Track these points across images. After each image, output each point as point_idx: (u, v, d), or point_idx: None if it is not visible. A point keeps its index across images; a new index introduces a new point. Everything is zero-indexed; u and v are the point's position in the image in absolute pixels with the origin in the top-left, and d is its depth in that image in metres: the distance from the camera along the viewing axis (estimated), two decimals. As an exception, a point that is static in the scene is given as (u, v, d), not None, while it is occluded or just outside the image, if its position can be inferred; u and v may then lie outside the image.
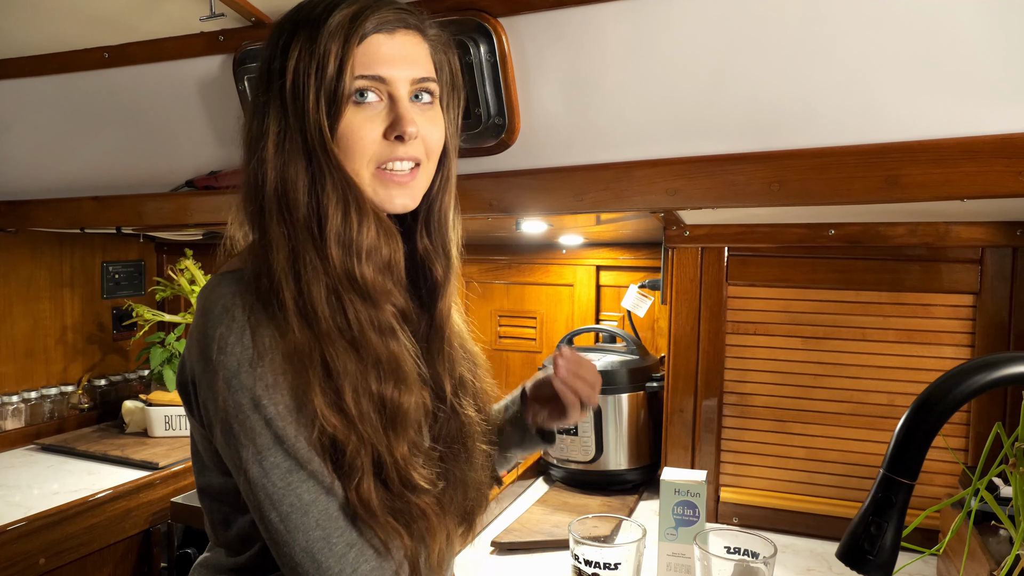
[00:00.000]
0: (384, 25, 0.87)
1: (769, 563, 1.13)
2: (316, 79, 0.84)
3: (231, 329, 0.82)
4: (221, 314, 0.83)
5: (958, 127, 1.14)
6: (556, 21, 1.31)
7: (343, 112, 0.86)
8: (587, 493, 1.85)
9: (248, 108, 0.92)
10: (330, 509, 0.83)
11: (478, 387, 1.05)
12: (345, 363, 0.84)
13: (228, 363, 0.81)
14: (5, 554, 1.64)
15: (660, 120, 1.32)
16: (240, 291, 0.84)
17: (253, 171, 0.87)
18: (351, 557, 0.83)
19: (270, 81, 0.87)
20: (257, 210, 0.87)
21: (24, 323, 2.31)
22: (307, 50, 0.84)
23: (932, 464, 1.55)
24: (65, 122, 1.83)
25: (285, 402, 0.82)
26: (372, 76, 0.87)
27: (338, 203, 0.86)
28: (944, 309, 1.56)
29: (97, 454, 2.16)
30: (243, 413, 0.82)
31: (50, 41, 1.66)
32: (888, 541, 0.85)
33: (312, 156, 0.86)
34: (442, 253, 0.99)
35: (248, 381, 0.81)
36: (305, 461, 0.82)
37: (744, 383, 1.70)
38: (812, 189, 1.25)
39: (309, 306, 0.84)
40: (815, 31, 1.15)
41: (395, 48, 0.88)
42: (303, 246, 0.85)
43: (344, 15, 0.85)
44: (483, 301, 2.36)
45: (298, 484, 0.82)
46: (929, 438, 0.85)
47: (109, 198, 1.92)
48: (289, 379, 0.82)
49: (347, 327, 0.85)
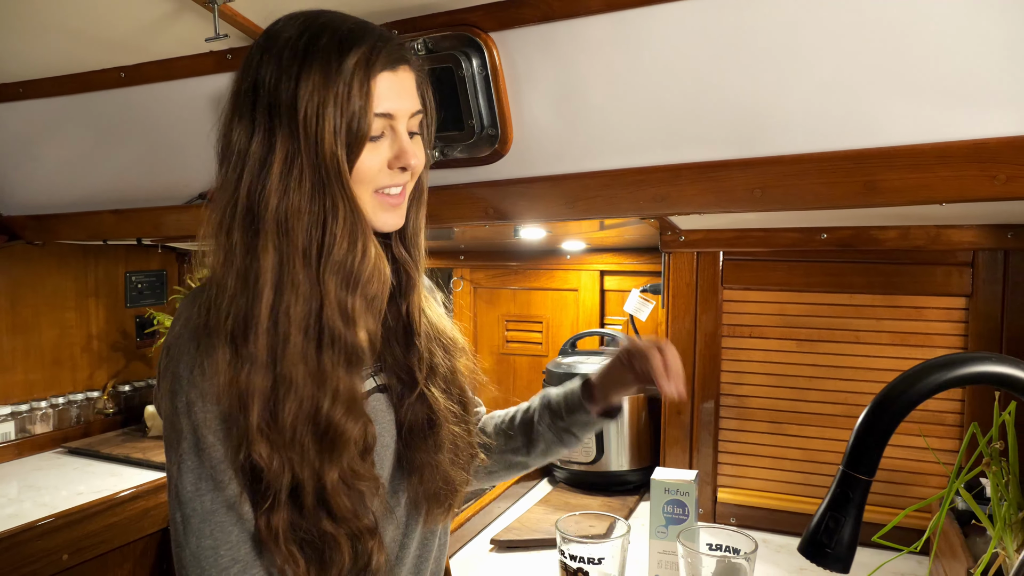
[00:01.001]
0: (390, 63, 0.92)
1: (750, 559, 1.16)
2: (335, 115, 0.87)
3: (188, 341, 0.89)
4: (182, 326, 0.90)
5: (933, 133, 1.16)
6: (545, 35, 1.35)
7: (363, 147, 0.90)
8: (589, 494, 1.89)
9: (235, 122, 0.91)
10: (226, 523, 0.88)
11: (452, 373, 1.09)
12: (301, 386, 0.87)
13: (177, 370, 0.88)
14: (30, 550, 1.72)
15: (646, 129, 1.36)
16: (208, 306, 0.89)
17: (248, 193, 0.88)
18: (233, 572, 0.88)
19: (273, 107, 0.88)
20: (250, 232, 0.88)
21: (51, 332, 2.41)
22: (322, 86, 0.87)
23: (925, 466, 1.57)
24: (85, 139, 1.91)
25: (215, 413, 0.87)
26: (383, 114, 0.91)
27: (347, 233, 0.90)
28: (937, 312, 1.58)
29: (120, 456, 2.25)
30: (176, 416, 0.88)
31: (70, 62, 1.75)
32: (846, 535, 0.87)
33: (326, 187, 0.88)
34: (415, 261, 1.04)
35: (187, 387, 0.87)
36: (216, 471, 0.88)
37: (740, 385, 1.73)
38: (793, 194, 1.28)
39: (283, 331, 0.87)
40: (794, 41, 1.18)
41: (398, 84, 0.93)
42: (296, 273, 0.88)
43: (360, 55, 0.88)
44: (490, 307, 2.41)
45: (205, 492, 0.88)
46: (886, 436, 0.87)
47: (128, 211, 2.00)
48: (231, 398, 0.86)
49: (315, 355, 0.89)
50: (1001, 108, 1.10)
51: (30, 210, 2.18)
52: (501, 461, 1.29)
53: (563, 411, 1.18)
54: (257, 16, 1.44)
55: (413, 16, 1.39)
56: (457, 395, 1.09)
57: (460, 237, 2.21)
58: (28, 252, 2.33)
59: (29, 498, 1.96)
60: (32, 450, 2.32)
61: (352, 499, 0.90)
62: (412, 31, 1.40)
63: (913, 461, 1.58)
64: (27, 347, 2.35)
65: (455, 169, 1.53)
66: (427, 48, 1.40)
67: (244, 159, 0.90)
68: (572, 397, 1.18)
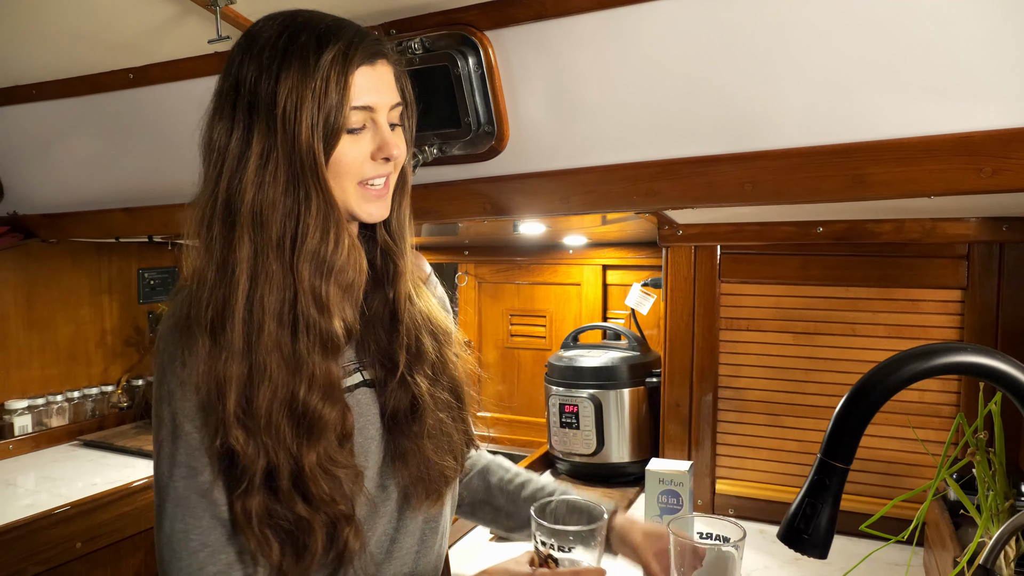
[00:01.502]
0: (367, 58, 0.94)
1: (739, 547, 1.17)
2: (313, 110, 0.89)
3: (171, 333, 0.94)
4: (167, 320, 0.96)
5: (919, 127, 1.17)
6: (538, 33, 1.37)
7: (339, 140, 0.93)
8: (590, 485, 1.91)
9: (216, 121, 0.94)
10: (198, 508, 0.92)
11: (442, 362, 1.10)
12: (275, 373, 0.91)
13: (162, 361, 0.94)
14: (46, 538, 1.77)
15: (638, 125, 1.38)
16: (189, 300, 0.94)
17: (227, 187, 0.92)
18: (201, 556, 0.91)
19: (252, 104, 0.91)
20: (226, 225, 0.92)
21: (67, 328, 2.47)
22: (300, 82, 0.89)
23: (918, 457, 1.58)
24: (96, 139, 1.96)
25: (194, 402, 0.92)
26: (363, 106, 0.94)
27: (320, 224, 0.93)
28: (932, 304, 1.58)
29: (133, 449, 2.30)
30: (159, 404, 0.94)
31: (80, 65, 1.79)
32: (823, 522, 0.89)
33: (299, 179, 0.91)
34: (401, 249, 1.07)
35: (169, 377, 0.93)
36: (191, 459, 0.92)
37: (738, 378, 1.75)
38: (783, 188, 1.30)
39: (257, 320, 0.91)
40: (782, 38, 1.20)
41: (376, 78, 0.95)
42: (270, 264, 0.91)
43: (337, 50, 0.91)
44: (495, 301, 2.44)
45: (179, 478, 0.92)
46: (863, 425, 0.89)
47: (139, 209, 2.05)
48: (208, 386, 0.90)
49: (290, 342, 0.92)
50: (986, 102, 1.11)
51: (44, 209, 2.23)
52: (479, 510, 1.30)
53: None
54: (257, 17, 1.46)
55: (409, 16, 1.42)
56: (448, 384, 1.10)
57: (464, 232, 2.24)
58: (43, 250, 2.39)
59: (45, 488, 2.01)
60: (49, 443, 2.38)
61: (329, 485, 0.93)
62: (408, 31, 1.43)
63: (907, 452, 1.59)
64: (43, 343, 2.40)
65: (454, 166, 1.56)
66: (423, 47, 1.43)
67: (224, 155, 0.93)
68: None
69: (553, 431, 1.96)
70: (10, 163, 2.19)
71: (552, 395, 1.96)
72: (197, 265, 0.95)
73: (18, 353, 2.34)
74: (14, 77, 1.90)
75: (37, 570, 1.76)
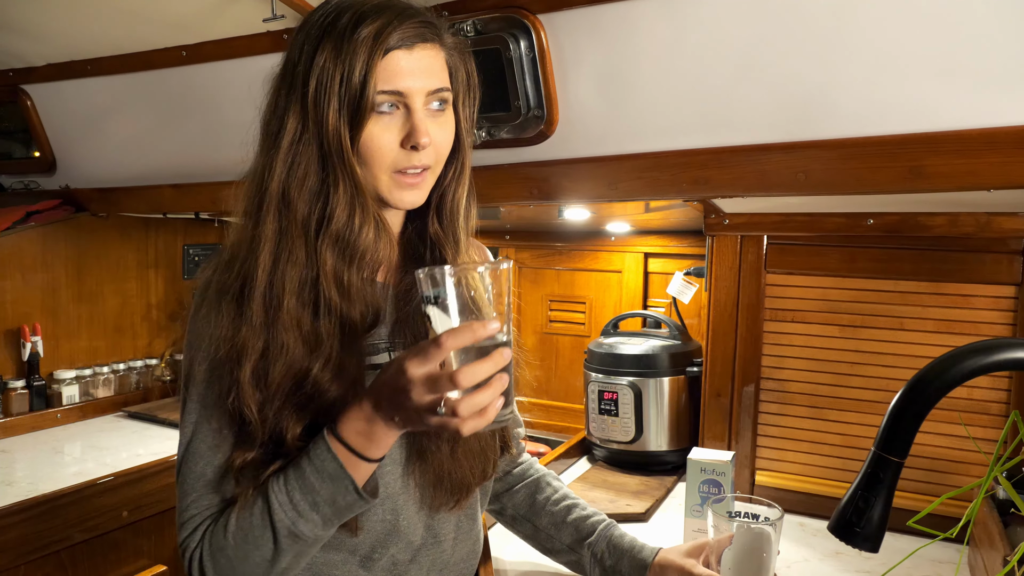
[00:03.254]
0: (405, 41, 0.92)
1: (776, 525, 1.15)
2: (340, 90, 0.90)
3: (201, 301, 0.99)
4: (200, 289, 1.00)
5: (980, 118, 1.15)
6: (591, 17, 1.37)
7: (365, 123, 0.92)
8: (627, 472, 1.91)
9: (267, 104, 0.97)
10: (198, 450, 0.97)
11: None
12: (292, 349, 0.93)
13: (194, 317, 1.00)
14: (93, 506, 1.82)
15: (690, 112, 1.37)
16: (221, 267, 0.99)
17: (262, 165, 0.95)
18: (198, 485, 0.97)
19: (292, 83, 0.93)
20: (257, 202, 0.94)
21: (114, 301, 2.52)
22: (332, 61, 0.89)
23: (966, 454, 1.55)
24: (148, 116, 1.99)
25: (212, 358, 0.96)
26: (391, 91, 0.92)
27: (346, 207, 0.94)
28: (984, 300, 1.55)
29: (176, 422, 2.32)
30: (185, 355, 1.01)
31: (134, 41, 1.82)
32: (876, 516, 0.89)
33: (327, 161, 0.92)
34: (452, 239, 1.05)
35: (194, 336, 0.99)
36: (204, 417, 0.97)
37: (781, 370, 1.73)
38: (837, 179, 1.28)
39: (277, 296, 0.93)
40: (838, 24, 1.18)
41: (413, 63, 0.93)
42: (293, 242, 0.93)
43: (369, 31, 0.90)
44: (535, 286, 2.44)
45: (189, 427, 0.99)
46: (919, 419, 0.88)
47: (187, 185, 2.08)
48: (228, 350, 0.93)
49: (310, 321, 0.94)
50: (1052, 94, 1.09)
51: (95, 183, 2.28)
52: (520, 525, 1.32)
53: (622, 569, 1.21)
54: (312, -3, 1.48)
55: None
56: None
57: (506, 217, 2.24)
58: (93, 224, 2.43)
59: (92, 458, 2.06)
60: (95, 413, 2.44)
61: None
62: (461, 13, 1.43)
63: (954, 449, 1.57)
64: (91, 315, 2.46)
65: (501, 149, 1.56)
66: (476, 30, 1.43)
67: (266, 135, 0.96)
68: (635, 563, 1.21)
69: (591, 417, 1.97)
70: (63, 137, 2.24)
71: (591, 381, 1.96)
72: (234, 238, 0.99)
73: (67, 324, 2.40)
74: (70, 53, 1.94)
75: (85, 536, 1.81)
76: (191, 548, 0.96)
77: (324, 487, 0.90)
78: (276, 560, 0.93)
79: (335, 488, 0.90)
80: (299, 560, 0.95)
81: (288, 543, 0.92)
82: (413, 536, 1.05)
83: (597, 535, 1.25)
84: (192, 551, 0.96)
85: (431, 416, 0.83)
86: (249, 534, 0.92)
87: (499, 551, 1.51)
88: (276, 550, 0.92)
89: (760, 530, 1.13)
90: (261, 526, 0.91)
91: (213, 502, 0.97)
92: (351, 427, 0.90)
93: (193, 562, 0.96)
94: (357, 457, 0.89)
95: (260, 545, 0.92)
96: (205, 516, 0.97)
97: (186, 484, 0.97)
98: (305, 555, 0.95)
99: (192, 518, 0.96)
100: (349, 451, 0.89)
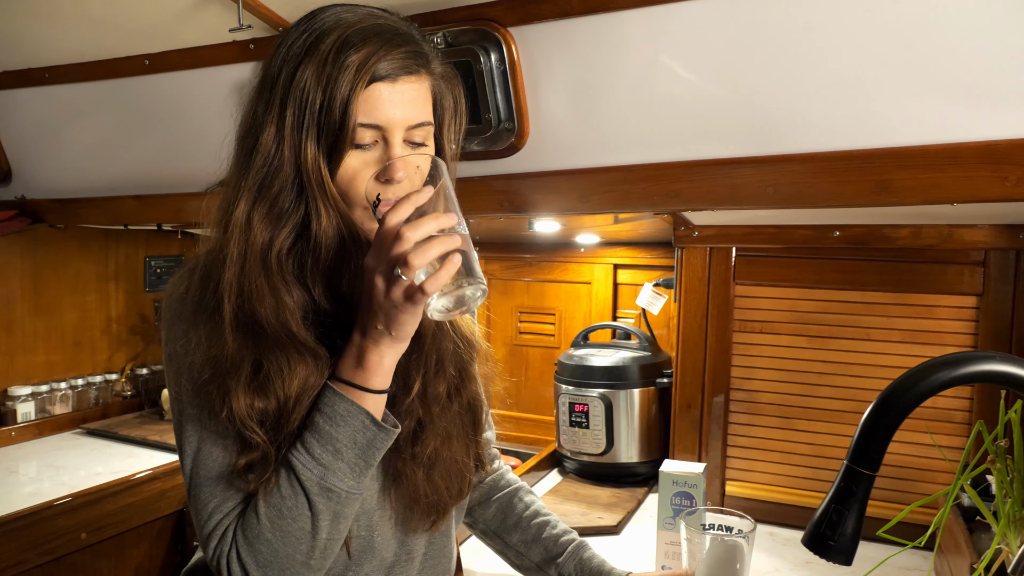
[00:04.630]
0: (390, 73, 0.89)
1: (748, 538, 1.16)
2: (320, 119, 0.87)
3: (176, 316, 0.96)
4: (175, 302, 0.97)
5: (945, 134, 1.18)
6: (562, 30, 1.37)
7: (344, 156, 0.89)
8: (598, 484, 1.91)
9: (244, 116, 0.94)
10: (208, 457, 0.94)
11: (461, 378, 1.07)
12: (279, 362, 0.90)
13: (170, 343, 0.96)
14: (51, 528, 1.76)
15: (661, 125, 1.38)
16: (191, 278, 0.97)
17: (235, 181, 0.91)
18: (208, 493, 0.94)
19: (270, 101, 0.90)
20: (224, 223, 0.92)
21: (73, 314, 2.45)
22: (313, 85, 0.87)
23: (932, 463, 1.58)
24: (109, 125, 1.94)
25: (196, 385, 0.93)
26: (371, 124, 0.89)
27: (326, 229, 0.91)
28: (948, 310, 1.58)
29: (137, 439, 2.29)
30: (173, 380, 0.97)
31: (96, 49, 1.78)
32: (849, 529, 0.89)
33: (303, 187, 0.89)
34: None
35: (177, 359, 0.96)
36: (205, 428, 0.93)
37: (750, 380, 1.75)
38: (806, 192, 1.30)
39: (249, 318, 0.90)
40: (808, 41, 1.20)
41: (396, 95, 0.90)
42: (262, 263, 0.90)
43: (354, 60, 0.87)
44: (504, 297, 2.43)
45: (192, 441, 0.95)
46: (890, 432, 0.89)
47: (150, 197, 2.04)
48: (210, 374, 0.91)
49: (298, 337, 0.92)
50: (1012, 110, 1.12)
51: (53, 194, 2.22)
52: (491, 539, 1.32)
53: None
54: (280, 7, 1.46)
55: (433, 10, 1.41)
56: (465, 404, 1.08)
57: (475, 229, 2.22)
58: (51, 235, 2.37)
59: (48, 477, 2.00)
60: (52, 430, 2.36)
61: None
62: (432, 25, 1.42)
63: (921, 458, 1.59)
64: (48, 329, 2.39)
65: (472, 162, 1.55)
66: (446, 42, 1.42)
67: (240, 151, 0.93)
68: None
69: (562, 430, 1.96)
70: (19, 147, 2.18)
71: (562, 394, 1.96)
72: (205, 248, 0.98)
73: (23, 339, 2.33)
74: (27, 60, 1.89)
75: (41, 560, 1.75)
76: (224, 553, 0.90)
77: (340, 431, 0.88)
78: (316, 527, 0.89)
79: (351, 427, 0.89)
80: (338, 525, 0.91)
81: (322, 502, 0.88)
82: (387, 553, 1.03)
83: (566, 555, 1.24)
84: (226, 555, 0.90)
85: (398, 292, 0.83)
86: (282, 508, 0.88)
87: (472, 564, 1.50)
88: (313, 515, 0.88)
89: (734, 542, 1.14)
90: (291, 494, 0.88)
91: (235, 502, 0.92)
92: (346, 365, 0.90)
93: (232, 566, 0.90)
94: (362, 391, 0.89)
95: (296, 515, 0.88)
96: (231, 518, 0.92)
97: (202, 495, 0.92)
98: (343, 518, 0.91)
99: (217, 525, 0.91)
100: (352, 387, 0.89)
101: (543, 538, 1.26)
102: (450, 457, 1.04)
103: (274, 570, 0.89)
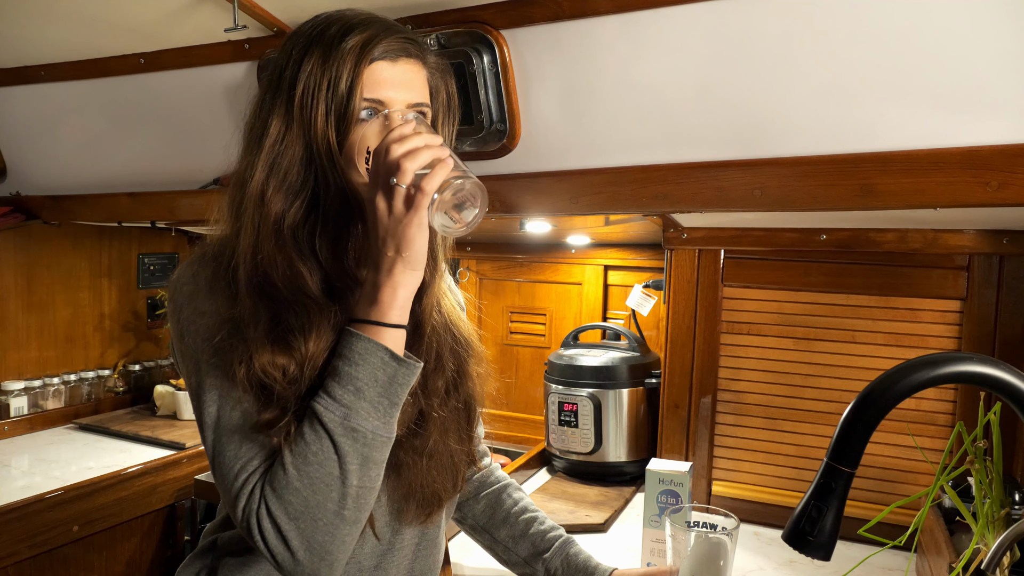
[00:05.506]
0: (389, 53, 0.96)
1: (732, 535, 1.18)
2: (327, 96, 0.93)
3: (193, 290, 0.98)
4: (186, 280, 0.99)
5: (928, 139, 1.19)
6: (553, 33, 1.38)
7: (351, 129, 0.94)
8: (586, 483, 1.93)
9: (253, 108, 1.00)
10: (230, 420, 0.94)
11: (459, 375, 1.09)
12: (296, 319, 0.93)
13: (188, 312, 0.97)
14: (43, 520, 1.78)
15: (650, 128, 1.39)
16: (201, 261, 0.99)
17: (244, 165, 0.96)
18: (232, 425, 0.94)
19: (279, 87, 0.95)
20: (238, 201, 0.96)
21: (66, 311, 2.47)
22: (319, 68, 0.93)
23: (914, 464, 1.60)
24: (104, 123, 1.96)
25: (215, 346, 0.95)
26: (374, 99, 0.95)
27: (334, 208, 0.96)
28: (932, 314, 1.61)
29: (129, 434, 2.30)
30: (191, 350, 0.98)
31: (91, 48, 1.79)
32: (828, 525, 0.91)
33: (312, 161, 0.94)
34: (432, 257, 1.03)
35: (193, 325, 0.96)
36: (225, 390, 0.94)
37: (737, 381, 1.76)
38: (792, 196, 1.32)
39: (264, 281, 0.93)
40: (794, 47, 1.22)
41: (396, 74, 0.97)
42: (272, 236, 0.94)
43: (356, 41, 0.93)
44: (496, 298, 2.45)
45: (212, 405, 0.95)
46: (869, 431, 0.91)
47: (143, 194, 2.05)
48: (228, 331, 0.93)
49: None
50: (994, 116, 1.13)
51: (48, 191, 2.23)
52: (478, 535, 1.34)
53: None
54: (275, 7, 1.47)
55: (427, 12, 1.43)
56: (462, 401, 1.10)
57: (467, 228, 2.25)
58: (45, 232, 2.38)
59: (41, 471, 2.01)
60: (44, 425, 2.38)
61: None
62: (425, 27, 1.44)
63: (903, 459, 1.62)
64: (41, 325, 2.40)
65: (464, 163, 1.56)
66: (439, 44, 1.44)
67: (249, 139, 0.98)
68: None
69: (551, 429, 1.98)
70: (14, 144, 2.19)
71: (551, 393, 1.97)
72: (219, 235, 1.00)
73: (16, 334, 2.34)
74: (22, 57, 1.90)
75: (33, 553, 1.77)
76: (254, 511, 0.88)
77: (360, 369, 0.88)
78: (345, 472, 0.87)
79: (371, 364, 0.88)
80: (368, 471, 0.89)
81: (348, 443, 0.87)
82: (380, 542, 1.05)
83: (553, 551, 1.26)
84: (256, 512, 0.88)
85: (398, 203, 0.86)
86: (307, 454, 0.87)
87: (460, 558, 1.51)
88: (340, 458, 0.87)
89: (717, 539, 1.15)
90: (315, 439, 0.87)
91: (261, 460, 0.91)
92: (362, 306, 0.91)
93: (262, 522, 0.87)
94: (379, 326, 0.89)
95: (323, 461, 0.87)
96: (257, 475, 0.90)
97: (227, 458, 0.92)
98: (373, 463, 0.89)
99: (244, 483, 0.90)
100: (369, 324, 0.90)
101: (530, 534, 1.28)
102: (446, 451, 1.06)
103: (306, 521, 0.86)
